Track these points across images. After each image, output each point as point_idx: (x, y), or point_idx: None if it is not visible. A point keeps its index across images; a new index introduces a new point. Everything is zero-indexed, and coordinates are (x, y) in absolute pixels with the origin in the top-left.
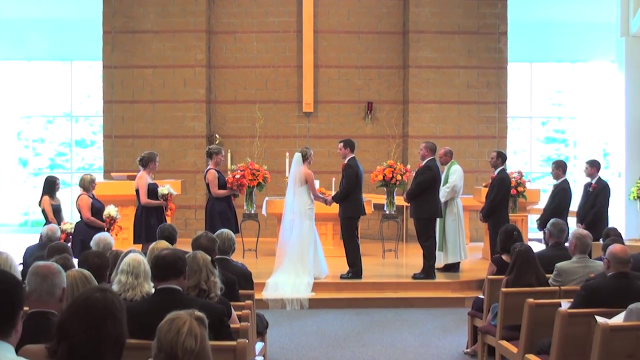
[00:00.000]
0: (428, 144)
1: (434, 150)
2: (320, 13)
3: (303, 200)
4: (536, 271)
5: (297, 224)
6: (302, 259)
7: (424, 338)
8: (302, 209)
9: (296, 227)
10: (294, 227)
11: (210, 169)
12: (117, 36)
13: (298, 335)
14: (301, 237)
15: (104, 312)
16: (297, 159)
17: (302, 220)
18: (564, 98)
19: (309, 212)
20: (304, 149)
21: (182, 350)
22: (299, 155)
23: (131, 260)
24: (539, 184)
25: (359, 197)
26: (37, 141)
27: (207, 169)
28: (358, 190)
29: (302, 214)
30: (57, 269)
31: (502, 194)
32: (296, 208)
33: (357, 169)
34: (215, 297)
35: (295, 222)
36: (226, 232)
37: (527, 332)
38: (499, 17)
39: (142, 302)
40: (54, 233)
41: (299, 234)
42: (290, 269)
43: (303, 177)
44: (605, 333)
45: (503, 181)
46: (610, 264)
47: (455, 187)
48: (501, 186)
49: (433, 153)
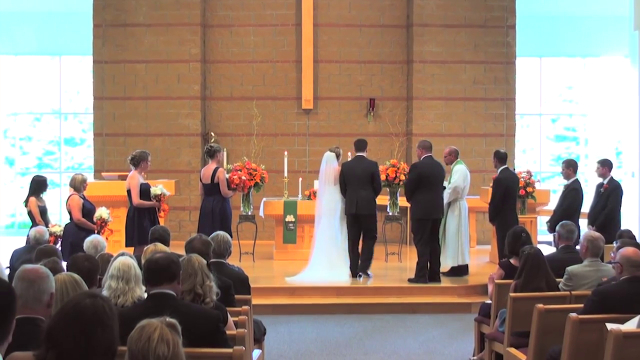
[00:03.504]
0: (419, 143)
1: (427, 147)
2: (320, 5)
3: (336, 198)
4: (546, 275)
5: (330, 220)
6: (339, 253)
7: (429, 345)
8: (335, 207)
9: (329, 224)
10: (326, 223)
11: (220, 168)
12: (108, 30)
13: (297, 342)
14: (335, 232)
15: (93, 319)
16: (330, 158)
17: (334, 217)
18: (575, 94)
19: (343, 210)
20: (337, 149)
21: (155, 357)
22: (332, 154)
23: (121, 265)
24: (549, 184)
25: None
26: (24, 139)
27: (215, 167)
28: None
29: (334, 212)
30: (44, 273)
31: (500, 194)
32: (328, 205)
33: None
34: (210, 302)
35: (327, 219)
36: (222, 235)
37: (536, 339)
38: (507, 10)
39: (134, 308)
40: (42, 235)
41: (333, 229)
42: (324, 263)
43: (336, 176)
44: (617, 340)
45: (499, 182)
46: (623, 268)
47: (456, 187)
48: (497, 187)
49: (428, 150)
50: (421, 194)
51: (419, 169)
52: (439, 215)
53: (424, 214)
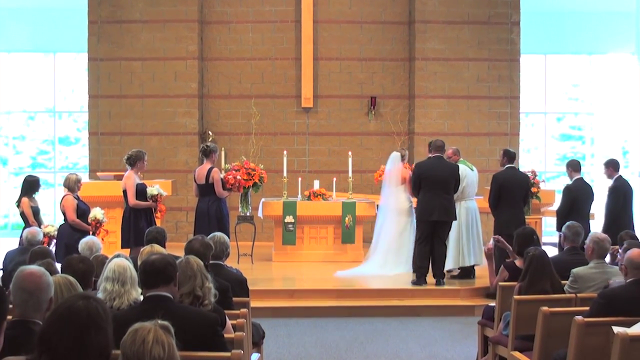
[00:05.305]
0: (430, 143)
1: (435, 147)
2: (320, 2)
3: (402, 199)
4: (551, 277)
5: (394, 219)
6: (398, 252)
7: (431, 349)
8: (401, 206)
9: (392, 223)
10: (389, 223)
11: (215, 168)
12: (104, 26)
13: (296, 346)
14: (398, 232)
15: (87, 322)
16: (395, 158)
17: (399, 217)
18: (580, 92)
19: (409, 209)
20: (403, 150)
21: (151, 359)
22: (398, 154)
23: (116, 267)
24: (554, 184)
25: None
26: (17, 138)
27: (209, 167)
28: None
29: (400, 211)
30: (45, 282)
31: (494, 191)
32: (393, 206)
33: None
34: (209, 305)
35: (390, 218)
36: (219, 236)
37: (541, 343)
38: (511, 6)
39: (130, 311)
40: (35, 236)
41: (395, 229)
42: (380, 260)
43: (401, 176)
44: (624, 343)
45: (495, 179)
46: (628, 270)
47: None
48: (492, 184)
49: (436, 150)
50: (422, 194)
51: (419, 170)
52: (440, 217)
53: (422, 215)
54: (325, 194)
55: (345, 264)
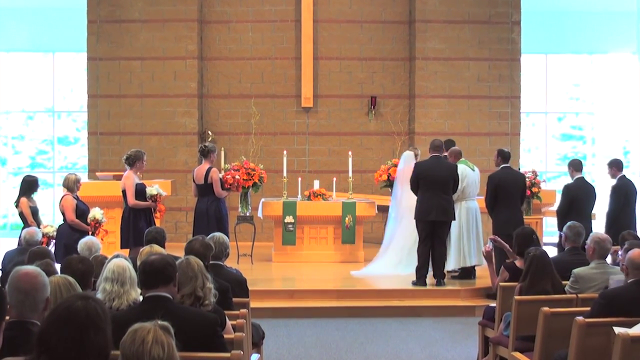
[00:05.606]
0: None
1: (434, 147)
2: (320, 1)
3: (414, 197)
4: (552, 278)
5: (408, 218)
6: (411, 251)
7: (432, 349)
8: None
9: (406, 222)
10: (403, 221)
11: (213, 168)
12: (103, 26)
13: (296, 347)
14: (412, 231)
15: (86, 322)
16: (408, 157)
17: (412, 215)
18: (581, 92)
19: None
20: (415, 149)
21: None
22: (411, 153)
23: (115, 267)
24: (555, 184)
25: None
26: (16, 138)
27: (208, 167)
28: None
29: (413, 209)
30: (40, 282)
31: (490, 192)
32: (405, 204)
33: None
34: (209, 305)
35: (404, 217)
36: (218, 236)
37: (542, 343)
38: (512, 6)
39: (129, 311)
40: (33, 237)
41: (409, 228)
42: (395, 259)
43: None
44: (625, 344)
45: (490, 180)
46: (630, 271)
47: None
48: (488, 185)
49: (434, 150)
50: (420, 194)
51: (417, 170)
52: (438, 218)
53: (420, 215)
54: (325, 194)
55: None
